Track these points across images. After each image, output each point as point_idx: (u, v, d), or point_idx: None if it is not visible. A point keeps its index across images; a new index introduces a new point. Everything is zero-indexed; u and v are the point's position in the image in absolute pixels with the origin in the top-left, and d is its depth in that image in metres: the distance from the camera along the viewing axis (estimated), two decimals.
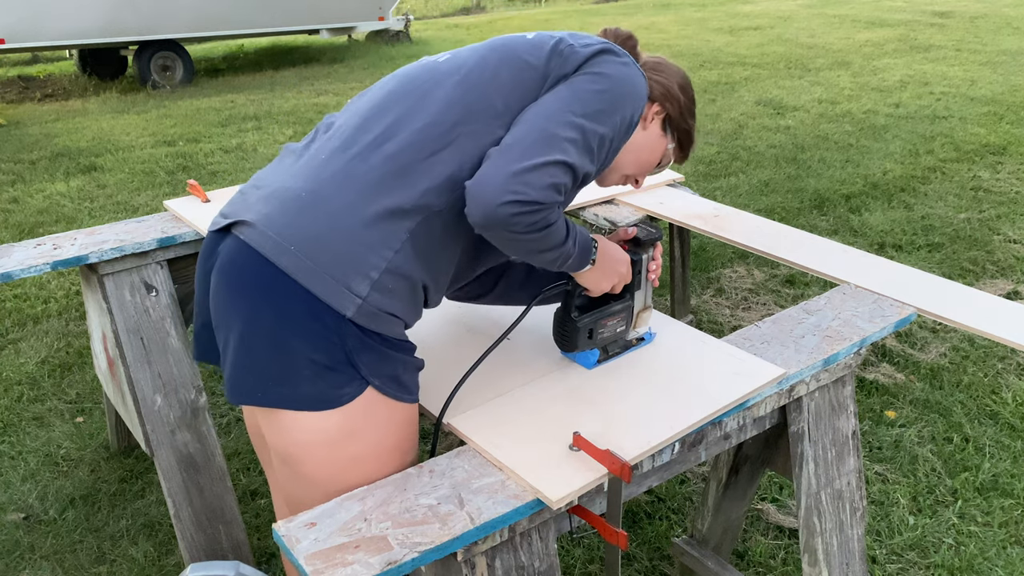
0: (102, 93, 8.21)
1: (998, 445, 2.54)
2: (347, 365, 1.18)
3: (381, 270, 1.18)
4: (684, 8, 12.93)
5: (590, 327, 1.41)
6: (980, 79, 7.48)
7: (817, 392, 1.56)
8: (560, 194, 1.15)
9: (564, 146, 1.16)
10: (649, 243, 1.46)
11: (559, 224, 1.19)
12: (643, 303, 1.48)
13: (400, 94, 1.26)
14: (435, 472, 1.17)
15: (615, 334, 1.45)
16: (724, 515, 1.90)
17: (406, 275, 1.20)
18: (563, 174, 1.15)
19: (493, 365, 1.44)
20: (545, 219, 1.15)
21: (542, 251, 1.20)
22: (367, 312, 1.17)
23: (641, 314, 1.49)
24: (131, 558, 2.16)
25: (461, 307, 1.65)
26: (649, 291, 1.49)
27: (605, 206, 2.54)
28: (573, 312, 1.41)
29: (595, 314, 1.41)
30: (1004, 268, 3.74)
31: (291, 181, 1.22)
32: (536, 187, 1.12)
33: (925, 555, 2.14)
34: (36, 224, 4.47)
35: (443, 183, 1.20)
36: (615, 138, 1.25)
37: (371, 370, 1.20)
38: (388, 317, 1.20)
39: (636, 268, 1.44)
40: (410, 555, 1.01)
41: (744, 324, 3.28)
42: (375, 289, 1.17)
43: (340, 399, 1.19)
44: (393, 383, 1.23)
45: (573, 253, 1.25)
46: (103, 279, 1.88)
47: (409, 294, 1.22)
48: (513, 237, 1.15)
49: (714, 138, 5.88)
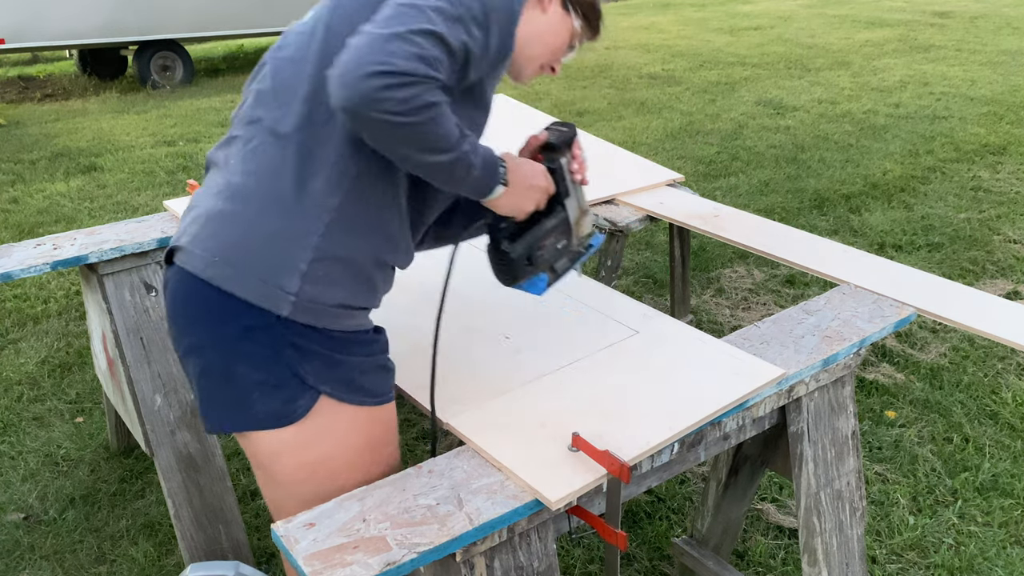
0: (102, 93, 8.21)
1: (998, 445, 2.54)
2: (292, 378, 1.16)
3: (309, 260, 1.13)
4: (684, 8, 12.93)
5: (527, 254, 1.29)
6: (980, 79, 7.48)
7: (817, 392, 1.56)
8: (432, 68, 1.03)
9: (429, 15, 1.04)
10: (564, 144, 1.32)
11: (443, 114, 1.06)
12: (578, 209, 1.35)
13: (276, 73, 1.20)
14: (434, 472, 1.17)
15: (557, 251, 1.33)
16: (724, 515, 1.90)
17: (340, 257, 1.15)
18: (431, 44, 1.03)
19: (493, 365, 1.44)
20: (419, 96, 1.02)
21: (432, 149, 1.07)
22: (304, 308, 1.13)
23: (580, 221, 1.36)
24: (131, 558, 2.16)
25: (461, 307, 1.65)
26: (581, 194, 1.36)
27: (605, 206, 2.54)
28: (503, 244, 1.29)
29: (528, 237, 1.29)
30: (1004, 268, 3.74)
31: (211, 194, 1.20)
32: (401, 56, 1.00)
33: (925, 555, 2.14)
34: (36, 224, 4.47)
35: (348, 146, 1.14)
36: (494, 8, 1.13)
37: (319, 378, 1.17)
38: (330, 310, 1.16)
39: (558, 176, 1.30)
40: (409, 556, 1.01)
41: (744, 324, 3.28)
42: (307, 281, 1.13)
43: (295, 413, 1.18)
44: (347, 387, 1.20)
45: (475, 163, 1.13)
46: (103, 279, 1.87)
47: (351, 277, 1.17)
48: (387, 121, 1.02)
49: (714, 138, 5.88)
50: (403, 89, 1.00)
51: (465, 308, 1.65)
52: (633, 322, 1.57)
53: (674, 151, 5.58)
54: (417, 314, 1.62)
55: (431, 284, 1.74)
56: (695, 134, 5.99)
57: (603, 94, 7.33)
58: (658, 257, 3.95)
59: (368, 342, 1.22)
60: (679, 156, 5.47)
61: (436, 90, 1.04)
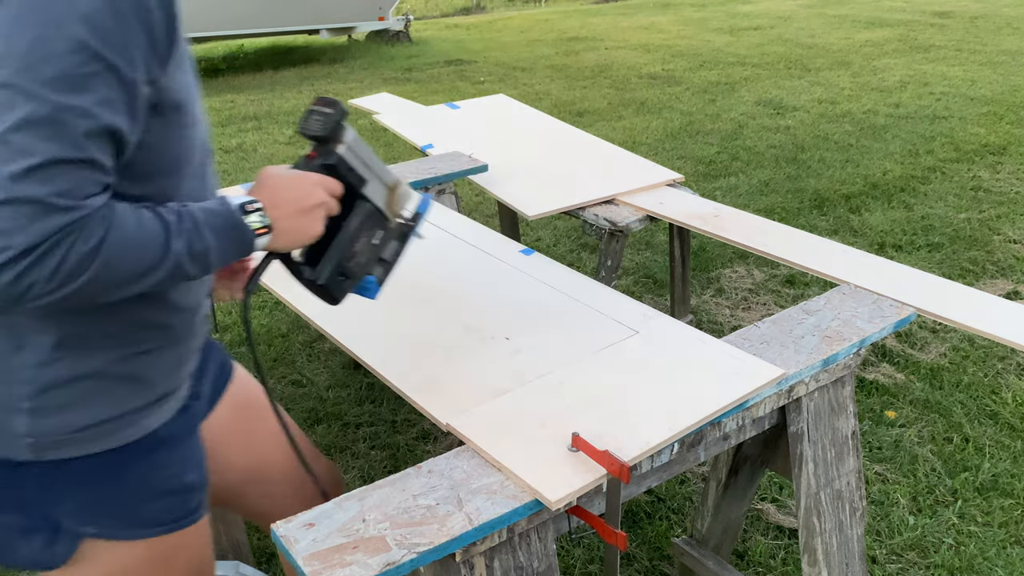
0: None
1: (998, 445, 2.54)
2: (43, 521, 0.97)
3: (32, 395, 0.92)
4: (684, 8, 12.92)
5: (338, 271, 1.11)
6: (980, 79, 7.48)
7: (816, 392, 1.56)
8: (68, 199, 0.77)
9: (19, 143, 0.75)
10: (334, 130, 1.08)
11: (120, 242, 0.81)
12: (383, 187, 1.15)
13: None
14: (434, 472, 1.17)
15: (375, 247, 1.15)
16: (724, 515, 1.90)
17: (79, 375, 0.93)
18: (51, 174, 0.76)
19: (493, 365, 1.44)
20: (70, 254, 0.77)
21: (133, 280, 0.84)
22: (48, 445, 0.94)
23: (391, 198, 1.17)
24: None
25: (461, 307, 1.65)
26: (380, 169, 1.15)
27: (605, 206, 2.54)
28: (305, 273, 1.10)
29: (332, 254, 1.10)
30: (1004, 268, 3.74)
31: None
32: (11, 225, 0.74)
33: (925, 555, 2.14)
34: None
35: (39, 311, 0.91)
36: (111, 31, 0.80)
37: (79, 518, 0.97)
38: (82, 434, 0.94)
39: (341, 169, 1.09)
40: (408, 556, 1.01)
41: (744, 324, 3.28)
42: (38, 416, 0.92)
43: (55, 559, 0.99)
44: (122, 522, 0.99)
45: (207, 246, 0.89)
46: None
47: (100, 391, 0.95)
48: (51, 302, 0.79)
49: (714, 138, 5.88)
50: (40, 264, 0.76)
51: (465, 308, 1.65)
52: (633, 322, 1.57)
53: (674, 151, 5.58)
54: (416, 314, 1.62)
55: (428, 284, 1.74)
56: (695, 134, 5.99)
57: (603, 94, 7.33)
58: (658, 257, 3.95)
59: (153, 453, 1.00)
60: (679, 156, 5.47)
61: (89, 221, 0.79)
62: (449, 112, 3.32)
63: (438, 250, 1.89)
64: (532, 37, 10.67)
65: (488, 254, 1.87)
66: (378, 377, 1.44)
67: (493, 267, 1.81)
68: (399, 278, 1.74)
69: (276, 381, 2.97)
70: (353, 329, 1.56)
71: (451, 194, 2.46)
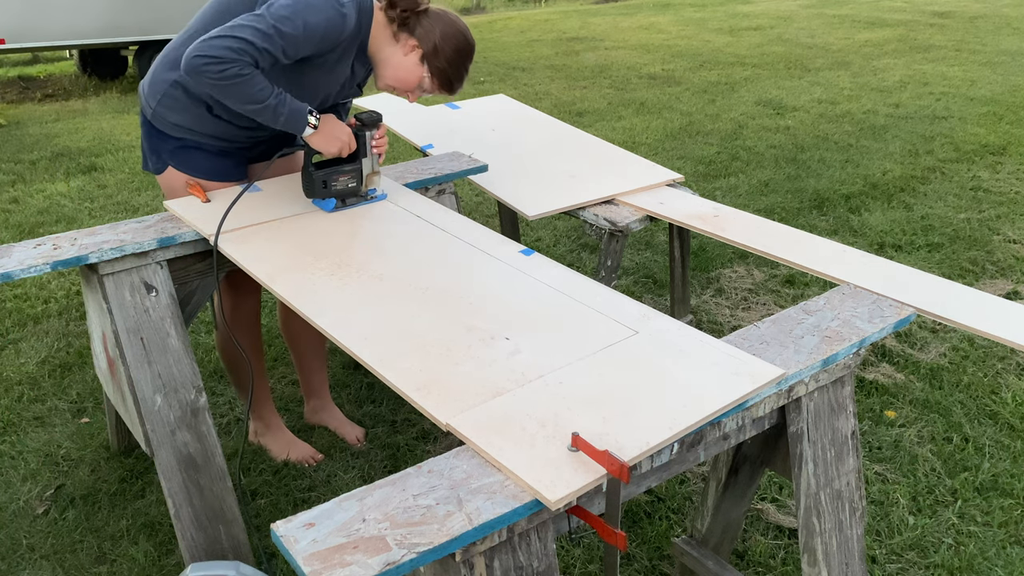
0: (102, 93, 8.21)
1: (998, 445, 2.54)
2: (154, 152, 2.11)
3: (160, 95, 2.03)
4: (684, 8, 12.93)
5: (324, 179, 1.98)
6: (980, 79, 7.48)
7: (816, 392, 1.56)
8: (237, 54, 1.75)
9: (244, 30, 1.77)
10: (371, 123, 2.02)
11: (254, 82, 1.79)
12: (371, 168, 2.06)
13: None
14: (434, 472, 1.17)
15: (347, 188, 2.02)
16: (724, 515, 1.90)
17: (178, 98, 2.02)
18: (237, 43, 1.75)
19: (493, 365, 1.44)
20: (230, 71, 1.75)
21: (246, 101, 1.81)
22: (157, 117, 2.05)
23: (370, 177, 2.07)
24: (131, 558, 2.16)
25: (460, 306, 1.65)
26: (375, 160, 2.06)
27: (605, 206, 2.54)
28: (310, 167, 1.97)
29: (329, 170, 1.98)
30: (1004, 268, 3.74)
31: None
32: (215, 48, 1.75)
33: (925, 555, 2.14)
34: (36, 224, 4.47)
35: None
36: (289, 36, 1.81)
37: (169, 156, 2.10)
38: (171, 125, 2.05)
39: (360, 140, 2.01)
40: (408, 556, 1.01)
41: (744, 324, 3.28)
42: (160, 105, 2.04)
43: (160, 169, 2.12)
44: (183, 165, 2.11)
45: (283, 112, 1.85)
46: (103, 279, 1.88)
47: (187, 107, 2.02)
48: (210, 83, 1.78)
49: (714, 138, 5.88)
50: (217, 65, 1.75)
51: (465, 308, 1.65)
52: (633, 322, 1.57)
53: (674, 151, 5.59)
54: (416, 314, 1.62)
55: (428, 284, 1.74)
56: (695, 134, 5.99)
57: (603, 94, 7.33)
58: (658, 257, 3.95)
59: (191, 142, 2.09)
60: (679, 156, 5.47)
61: (246, 66, 1.77)
62: (449, 112, 3.32)
63: (438, 250, 1.89)
64: (532, 37, 10.68)
65: (488, 254, 1.88)
66: (378, 377, 1.44)
67: (493, 267, 1.81)
68: (399, 277, 1.75)
69: (276, 381, 2.97)
70: (353, 329, 1.56)
71: (451, 194, 2.46)
